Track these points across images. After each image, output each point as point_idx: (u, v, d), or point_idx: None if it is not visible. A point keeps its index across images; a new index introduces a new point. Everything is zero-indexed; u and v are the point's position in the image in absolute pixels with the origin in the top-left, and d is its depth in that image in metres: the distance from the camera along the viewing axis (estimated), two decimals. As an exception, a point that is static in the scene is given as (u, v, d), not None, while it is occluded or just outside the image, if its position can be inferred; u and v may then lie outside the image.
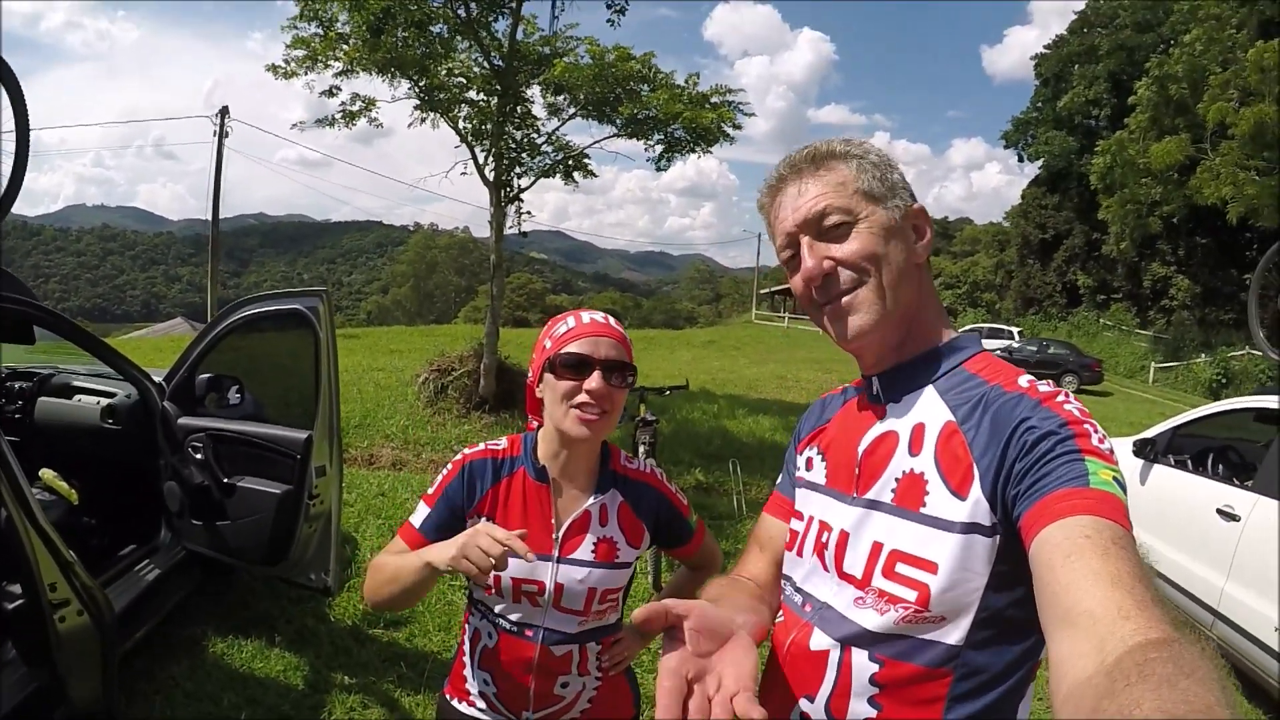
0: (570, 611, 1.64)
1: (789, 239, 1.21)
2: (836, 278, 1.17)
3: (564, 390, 1.57)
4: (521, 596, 1.61)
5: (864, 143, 1.22)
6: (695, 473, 8.29)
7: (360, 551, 5.38)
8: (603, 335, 1.61)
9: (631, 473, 1.76)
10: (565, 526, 1.64)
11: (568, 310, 1.74)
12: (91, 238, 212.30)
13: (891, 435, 1.18)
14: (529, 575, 1.60)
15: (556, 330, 1.64)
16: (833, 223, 1.16)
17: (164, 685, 3.66)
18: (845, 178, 1.18)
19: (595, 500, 1.68)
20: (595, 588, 1.63)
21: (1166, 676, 0.63)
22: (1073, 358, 26.41)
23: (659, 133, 9.66)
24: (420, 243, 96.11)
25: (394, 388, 10.90)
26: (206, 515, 3.79)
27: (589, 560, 1.64)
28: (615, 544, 1.67)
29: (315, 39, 9.14)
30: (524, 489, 1.66)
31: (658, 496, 1.77)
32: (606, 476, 1.72)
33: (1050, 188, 45.65)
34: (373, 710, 3.65)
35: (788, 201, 1.21)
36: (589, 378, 1.57)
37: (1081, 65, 42.91)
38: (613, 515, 1.69)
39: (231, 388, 4.13)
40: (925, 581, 1.05)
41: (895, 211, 1.18)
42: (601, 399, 1.57)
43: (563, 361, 1.58)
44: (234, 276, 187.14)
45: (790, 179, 1.22)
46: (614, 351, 1.61)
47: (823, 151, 1.21)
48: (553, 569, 1.61)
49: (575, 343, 1.58)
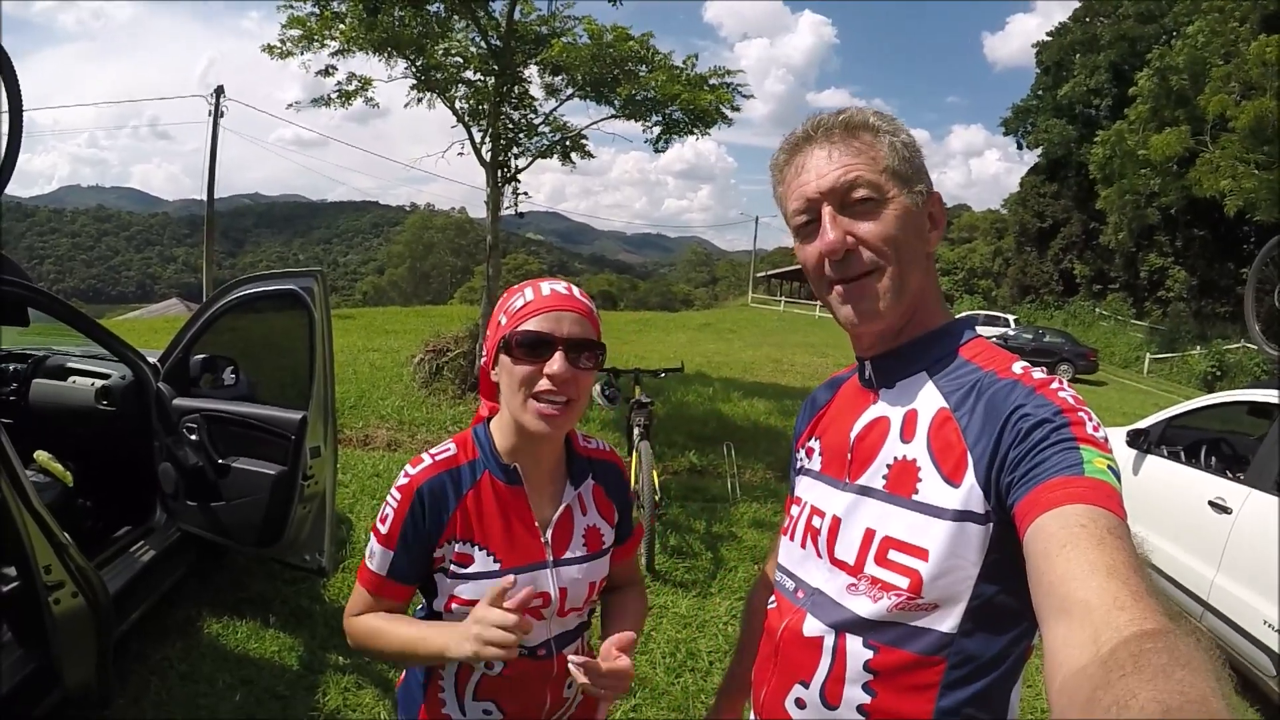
0: (572, 611, 1.51)
1: (809, 204, 1.15)
2: (857, 256, 1.13)
3: (522, 376, 1.36)
4: (526, 615, 1.37)
5: (896, 120, 1.18)
6: (690, 455, 8.29)
7: (355, 532, 5.38)
8: (566, 309, 1.38)
9: (595, 453, 1.62)
10: (551, 528, 1.49)
11: (526, 281, 1.48)
12: (86, 219, 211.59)
13: (883, 421, 1.18)
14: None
15: (512, 304, 1.41)
16: (860, 196, 1.12)
17: (159, 667, 3.66)
18: (878, 153, 1.13)
19: (573, 492, 1.54)
20: (594, 580, 1.52)
21: (1161, 667, 0.63)
22: (1068, 346, 26.42)
23: (657, 114, 9.60)
24: (417, 223, 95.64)
25: (389, 368, 10.91)
26: (201, 496, 3.79)
27: (582, 556, 1.51)
28: (600, 530, 1.56)
29: (311, 18, 9.07)
30: (496, 496, 1.45)
31: (620, 476, 1.65)
32: (577, 463, 1.57)
33: (1049, 176, 45.61)
34: (367, 690, 3.66)
35: (813, 164, 1.15)
36: (550, 359, 1.35)
37: (1083, 54, 42.73)
38: (590, 501, 1.56)
39: (226, 368, 4.13)
40: (916, 569, 1.05)
41: (919, 197, 1.15)
42: (565, 384, 1.36)
43: (520, 341, 1.36)
44: (229, 257, 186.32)
45: (818, 141, 1.16)
46: (578, 328, 1.39)
47: (857, 120, 1.16)
48: (552, 575, 1.47)
49: (534, 319, 1.36)
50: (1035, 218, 45.98)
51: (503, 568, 1.42)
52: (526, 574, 1.42)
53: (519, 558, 1.44)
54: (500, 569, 1.41)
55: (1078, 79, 42.13)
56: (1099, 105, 41.81)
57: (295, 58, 9.38)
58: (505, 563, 1.43)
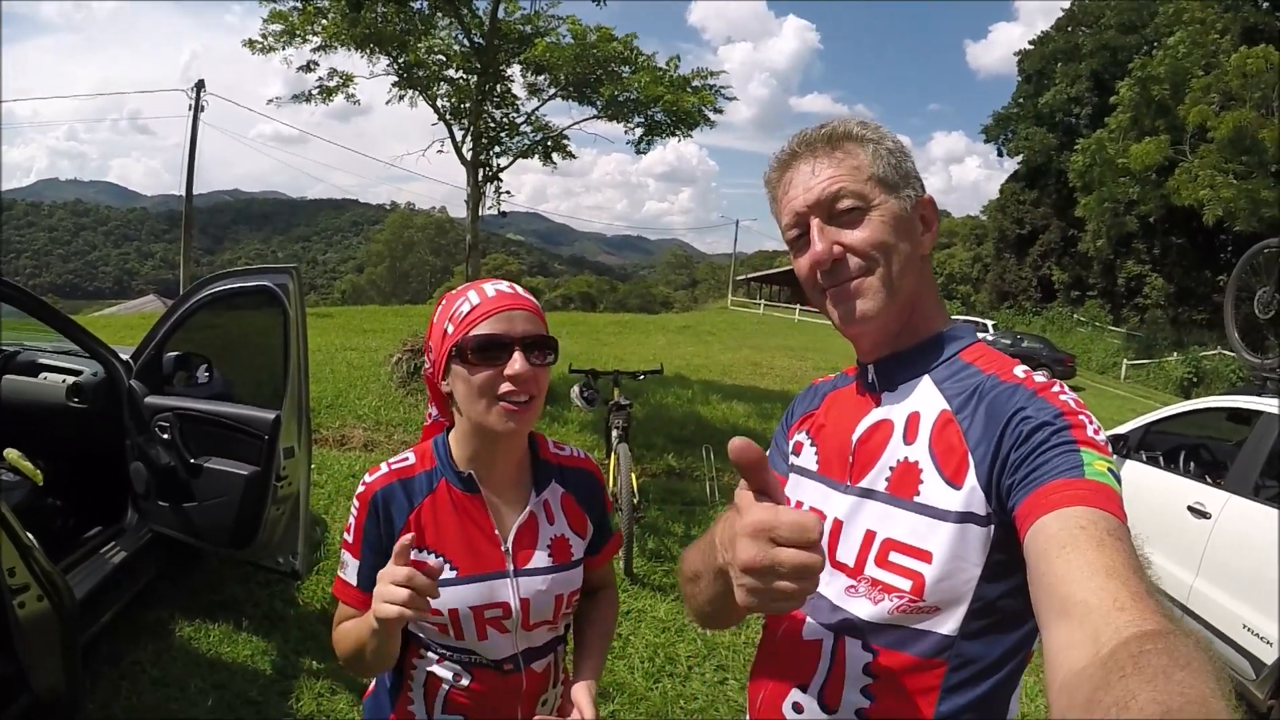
0: (541, 624, 1.46)
1: (798, 218, 1.18)
2: (845, 264, 1.15)
3: (481, 382, 1.34)
4: (486, 627, 1.40)
5: (881, 128, 1.20)
6: (668, 458, 8.28)
7: (330, 534, 5.33)
8: (516, 308, 1.37)
9: (567, 460, 1.57)
10: (512, 535, 1.44)
11: (465, 284, 1.46)
12: (64, 213, 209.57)
13: (886, 424, 1.18)
14: (488, 599, 1.40)
15: (458, 310, 1.37)
16: (845, 207, 1.14)
17: (130, 670, 3.60)
18: (861, 162, 1.16)
19: (537, 499, 1.49)
20: (561, 593, 1.47)
21: (1161, 668, 0.63)
22: (1046, 352, 26.62)
23: (639, 115, 9.65)
24: (397, 222, 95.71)
25: (367, 368, 10.81)
26: (173, 497, 3.73)
27: (547, 566, 1.46)
28: (568, 541, 1.50)
29: (294, 13, 9.03)
30: (453, 505, 1.43)
31: (595, 485, 1.60)
32: (542, 469, 1.53)
33: (1029, 183, 46.09)
34: (341, 696, 3.62)
35: (799, 179, 1.18)
36: (509, 361, 1.33)
37: (1064, 63, 43.21)
38: (558, 510, 1.51)
39: (200, 366, 4.07)
40: (920, 571, 1.05)
41: (907, 201, 1.17)
42: (526, 383, 1.34)
43: (475, 346, 1.33)
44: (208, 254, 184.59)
45: (804, 156, 1.19)
46: (530, 325, 1.37)
47: (840, 132, 1.18)
48: (512, 585, 1.42)
49: (484, 322, 1.34)
50: (1014, 224, 46.41)
51: (459, 575, 1.39)
52: (484, 583, 1.40)
53: (477, 566, 1.41)
54: (456, 576, 1.39)
55: (1059, 87, 42.59)
56: (1079, 114, 42.24)
57: (277, 53, 9.36)
58: (462, 570, 1.40)
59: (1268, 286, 5.83)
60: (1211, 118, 25.53)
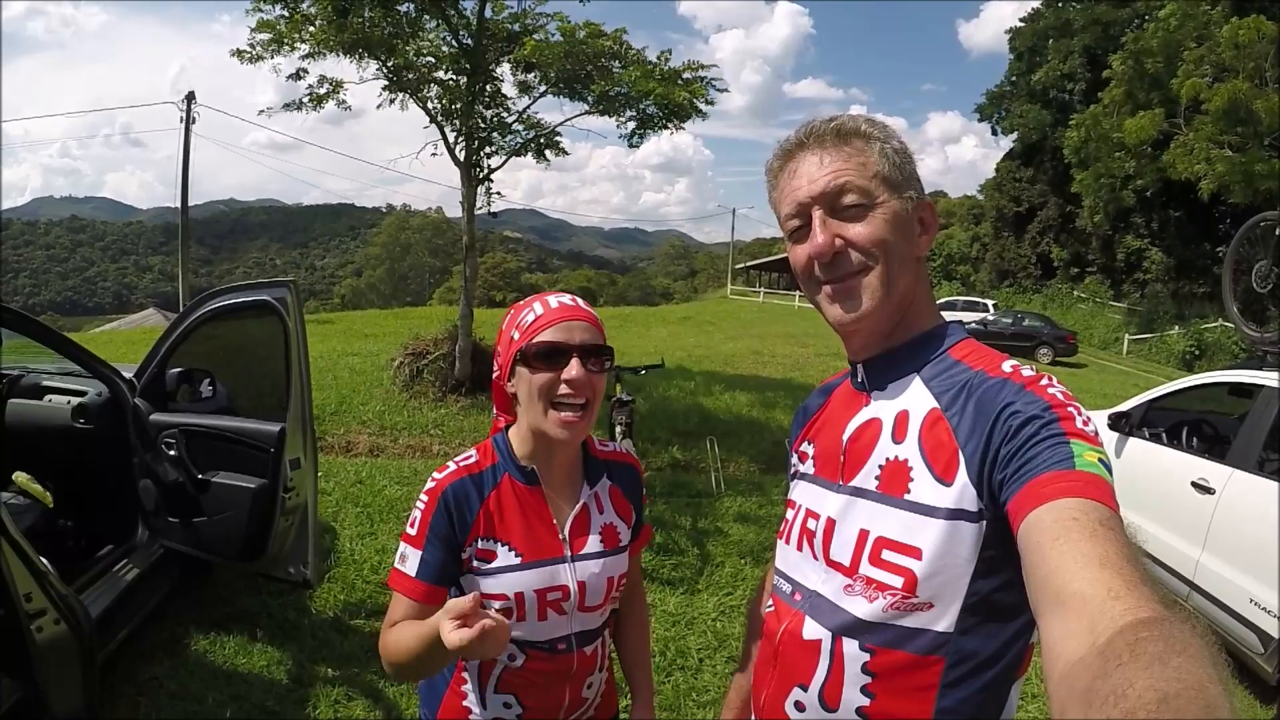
0: (593, 608, 1.59)
1: (800, 209, 1.19)
2: (845, 258, 1.16)
3: (540, 385, 1.47)
4: (547, 609, 1.52)
5: (888, 127, 1.21)
6: (673, 450, 8.30)
7: (339, 541, 5.35)
8: (575, 319, 1.50)
9: (612, 455, 1.74)
10: (569, 524, 1.58)
11: (531, 296, 1.61)
12: (60, 230, 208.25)
13: (875, 422, 1.20)
14: (549, 583, 1.52)
15: (524, 319, 1.51)
16: (849, 202, 1.16)
17: (147, 686, 3.62)
18: (868, 159, 1.17)
19: (589, 491, 1.64)
20: (612, 576, 1.60)
21: (1158, 655, 0.64)
22: (1047, 330, 26.57)
23: (631, 110, 9.59)
24: (393, 224, 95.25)
25: (369, 373, 10.77)
26: (182, 512, 3.76)
27: (600, 551, 1.59)
28: (616, 529, 1.65)
29: (281, 21, 8.99)
30: (516, 496, 1.56)
31: (637, 478, 1.76)
32: (593, 465, 1.67)
33: (1024, 161, 45.80)
34: (357, 702, 3.64)
35: (805, 170, 1.19)
36: (566, 366, 1.46)
37: (1056, 39, 42.89)
38: (606, 501, 1.66)
39: (203, 381, 4.09)
40: (910, 567, 1.06)
41: (908, 203, 1.18)
42: (582, 387, 1.47)
43: (537, 352, 1.47)
44: (205, 264, 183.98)
45: (810, 147, 1.20)
46: (589, 335, 1.51)
47: (848, 127, 1.19)
48: (570, 570, 1.55)
49: (547, 330, 1.47)
50: (1012, 202, 46.19)
51: (523, 561, 1.51)
52: (546, 568, 1.52)
53: (538, 552, 1.53)
54: (521, 563, 1.51)
55: (1051, 64, 42.29)
56: (1073, 90, 41.95)
57: (266, 61, 9.30)
58: (526, 557, 1.52)
59: (1265, 259, 5.83)
60: (1205, 90, 25.44)
